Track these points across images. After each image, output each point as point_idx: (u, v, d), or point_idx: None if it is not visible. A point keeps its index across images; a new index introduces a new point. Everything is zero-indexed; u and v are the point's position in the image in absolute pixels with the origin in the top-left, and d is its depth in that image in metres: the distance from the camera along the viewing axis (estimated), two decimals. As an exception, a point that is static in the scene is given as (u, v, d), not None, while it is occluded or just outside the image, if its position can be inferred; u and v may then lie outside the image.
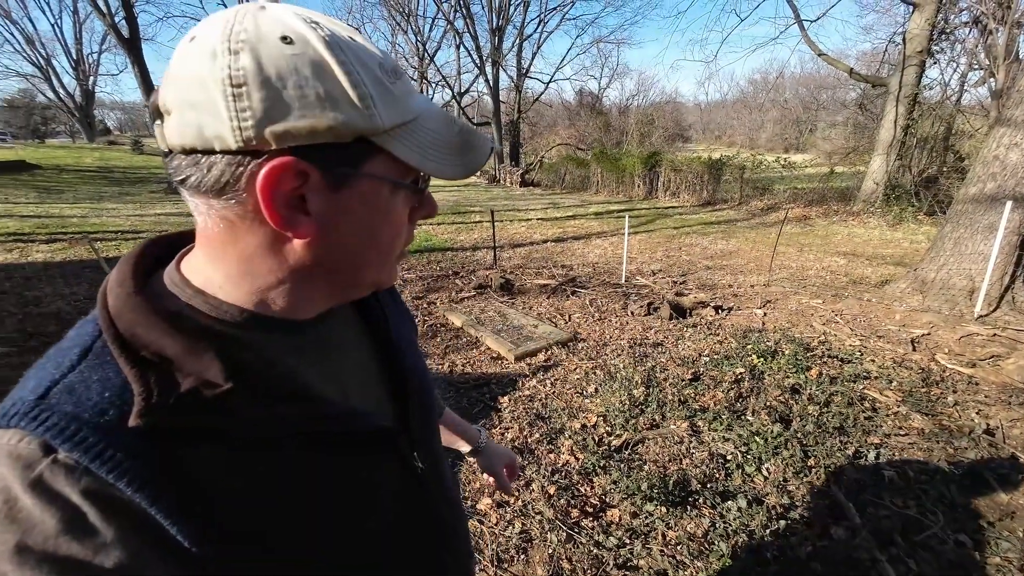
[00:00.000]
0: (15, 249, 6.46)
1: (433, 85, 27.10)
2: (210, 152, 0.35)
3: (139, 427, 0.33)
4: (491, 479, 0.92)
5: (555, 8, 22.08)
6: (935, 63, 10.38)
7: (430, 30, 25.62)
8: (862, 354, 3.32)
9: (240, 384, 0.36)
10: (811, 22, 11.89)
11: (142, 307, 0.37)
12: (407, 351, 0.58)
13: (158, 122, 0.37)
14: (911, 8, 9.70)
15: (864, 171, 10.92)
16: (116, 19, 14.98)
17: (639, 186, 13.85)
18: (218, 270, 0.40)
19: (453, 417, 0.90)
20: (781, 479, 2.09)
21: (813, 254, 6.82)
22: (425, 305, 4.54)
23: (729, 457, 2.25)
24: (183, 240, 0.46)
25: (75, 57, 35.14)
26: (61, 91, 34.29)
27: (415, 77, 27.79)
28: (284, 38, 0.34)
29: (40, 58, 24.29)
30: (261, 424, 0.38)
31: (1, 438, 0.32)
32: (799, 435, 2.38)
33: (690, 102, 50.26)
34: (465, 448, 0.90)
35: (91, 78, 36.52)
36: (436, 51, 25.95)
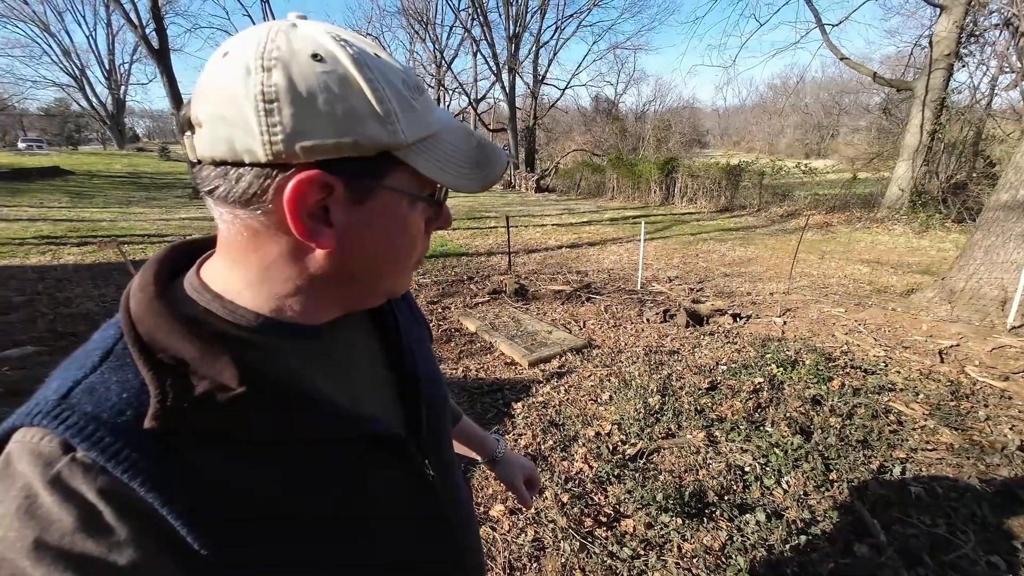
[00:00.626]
0: (48, 251, 6.71)
1: (450, 92, 27.43)
2: (239, 164, 0.36)
3: (154, 428, 0.34)
4: (509, 491, 0.90)
5: (572, 15, 22.23)
6: (963, 66, 10.10)
7: (447, 38, 26.01)
8: (887, 365, 3.22)
9: (253, 388, 0.37)
10: (833, 26, 11.65)
11: (161, 311, 0.38)
12: (419, 357, 0.58)
13: (188, 133, 0.38)
14: (938, 11, 9.48)
15: (889, 177, 10.66)
16: (147, 31, 15.59)
17: (655, 192, 13.75)
18: (238, 276, 0.41)
19: (470, 425, 0.88)
20: (802, 493, 2.03)
21: (835, 262, 6.66)
22: (440, 310, 4.56)
23: (747, 469, 2.20)
24: (204, 246, 0.47)
25: (107, 67, 36.59)
26: (94, 100, 35.71)
27: (432, 84, 28.16)
28: (315, 55, 0.35)
29: (75, 69, 25.50)
30: (272, 428, 0.38)
31: (24, 436, 0.33)
32: (820, 448, 2.31)
33: (708, 107, 49.87)
34: (482, 458, 0.88)
35: (122, 87, 37.95)
36: (453, 58, 26.27)
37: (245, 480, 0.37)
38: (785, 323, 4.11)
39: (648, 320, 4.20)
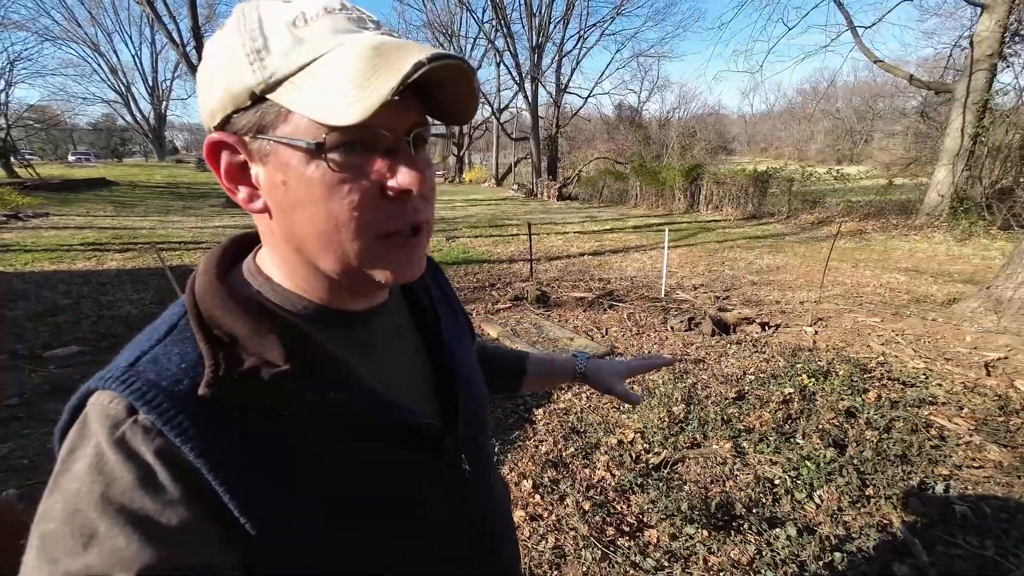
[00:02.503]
0: (93, 257, 7.07)
1: (473, 102, 27.78)
2: None
3: (206, 397, 0.36)
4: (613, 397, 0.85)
5: (595, 24, 22.31)
6: (1007, 67, 9.65)
7: (471, 49, 26.40)
8: (927, 377, 3.07)
9: (296, 367, 0.38)
10: (865, 28, 11.32)
11: (220, 292, 0.40)
12: (457, 351, 0.57)
13: None
14: (979, 10, 9.10)
15: (927, 182, 10.22)
16: (187, 49, 16.39)
17: (680, 199, 13.55)
18: (269, 259, 0.45)
19: (539, 360, 0.86)
20: (835, 508, 1.95)
21: (870, 270, 6.41)
22: (462, 315, 4.58)
23: (777, 481, 2.12)
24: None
25: (151, 84, 38.64)
26: (138, 115, 37.72)
27: (456, 95, 28.51)
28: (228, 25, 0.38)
29: (121, 86, 27.14)
30: (312, 405, 0.40)
31: (99, 398, 0.36)
32: (855, 461, 2.21)
33: (734, 114, 49.10)
34: (569, 383, 0.86)
35: (164, 103, 39.98)
36: (477, 69, 26.64)
37: (284, 454, 0.38)
38: (816, 332, 3.97)
39: (672, 328, 4.12)
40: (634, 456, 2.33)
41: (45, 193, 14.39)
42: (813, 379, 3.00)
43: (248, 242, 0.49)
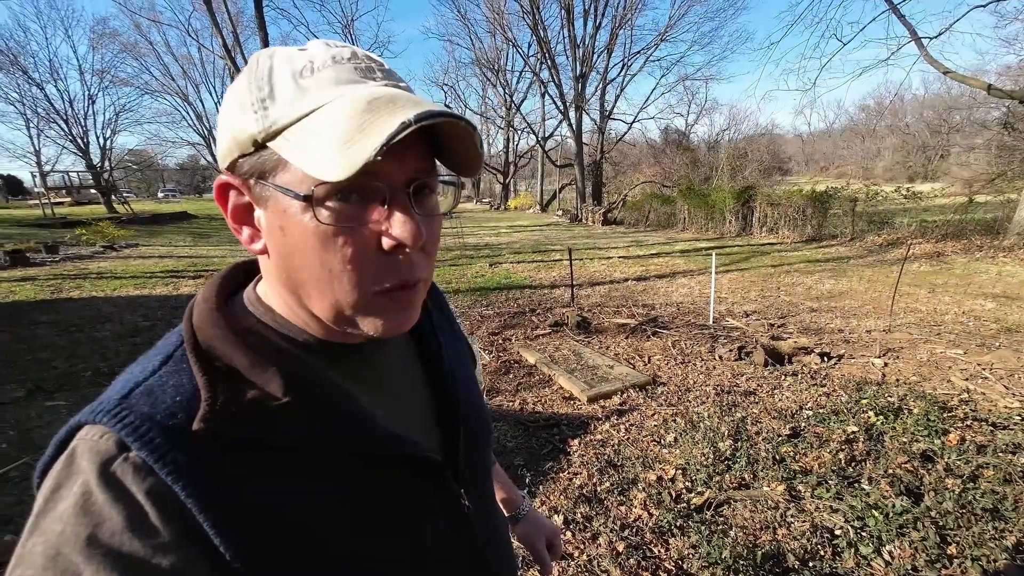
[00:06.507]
0: (170, 283, 7.77)
1: (519, 132, 28.56)
2: None
3: (202, 432, 0.34)
4: (529, 553, 0.82)
5: (639, 51, 22.39)
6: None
7: (517, 82, 27.29)
8: (1023, 419, 2.69)
9: (296, 399, 0.38)
10: (931, 39, 10.62)
11: (220, 322, 0.40)
12: (460, 383, 0.56)
13: None
14: (1067, 12, 8.31)
15: (1016, 199, 9.25)
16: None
17: (731, 222, 13.03)
18: (270, 291, 0.45)
19: (499, 474, 0.83)
20: (909, 567, 1.71)
21: (950, 296, 5.81)
22: (500, 341, 4.58)
23: (838, 532, 1.90)
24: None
25: (229, 127, 42.63)
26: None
27: (502, 126, 29.49)
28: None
29: (204, 130, 30.32)
30: (311, 438, 0.39)
31: (88, 433, 0.35)
32: (934, 514, 1.95)
33: (789, 133, 47.13)
34: (505, 512, 0.82)
35: (240, 144, 43.91)
36: (522, 101, 27.46)
37: (280, 492, 0.37)
38: (886, 365, 3.61)
39: (721, 357, 3.90)
40: (674, 495, 2.19)
41: (137, 226, 16.14)
42: (881, 417, 2.71)
43: (250, 270, 0.49)
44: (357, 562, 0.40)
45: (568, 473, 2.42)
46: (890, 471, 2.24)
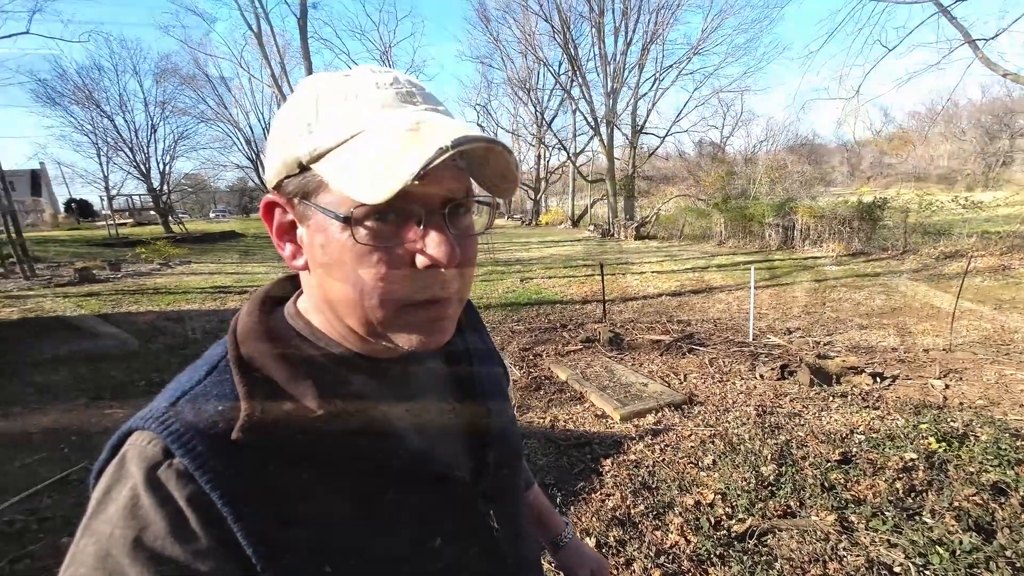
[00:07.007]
0: (219, 298, 8.19)
1: (550, 148, 28.75)
2: None
3: (240, 441, 0.36)
4: None
5: (671, 65, 22.19)
6: None
7: (548, 99, 27.56)
8: (1112, 450, 2.42)
9: (329, 413, 0.39)
10: (986, 40, 10.03)
11: (261, 335, 0.42)
12: (492, 404, 0.56)
13: None
14: None
15: (1093, 207, 8.48)
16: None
17: (771, 236, 12.57)
18: (310, 305, 0.46)
19: (539, 498, 0.79)
20: (982, 613, 1.55)
21: (1019, 313, 5.35)
22: (531, 357, 4.55)
23: (898, 569, 1.75)
24: None
25: (276, 151, 45.10)
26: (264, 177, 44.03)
27: (533, 143, 29.78)
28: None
29: (252, 153, 32.29)
30: (343, 452, 0.40)
31: (138, 438, 0.37)
32: (1009, 553, 1.77)
33: (832, 143, 45.33)
34: (544, 539, 0.79)
35: (284, 166, 46.29)
36: (553, 118, 27.64)
37: (309, 505, 0.38)
38: (947, 387, 3.35)
39: (762, 376, 3.72)
40: (713, 521, 2.08)
41: (190, 245, 17.15)
42: (944, 443, 2.50)
43: (292, 285, 0.50)
44: (379, 571, 0.40)
45: (601, 494, 2.35)
46: (956, 504, 2.06)
